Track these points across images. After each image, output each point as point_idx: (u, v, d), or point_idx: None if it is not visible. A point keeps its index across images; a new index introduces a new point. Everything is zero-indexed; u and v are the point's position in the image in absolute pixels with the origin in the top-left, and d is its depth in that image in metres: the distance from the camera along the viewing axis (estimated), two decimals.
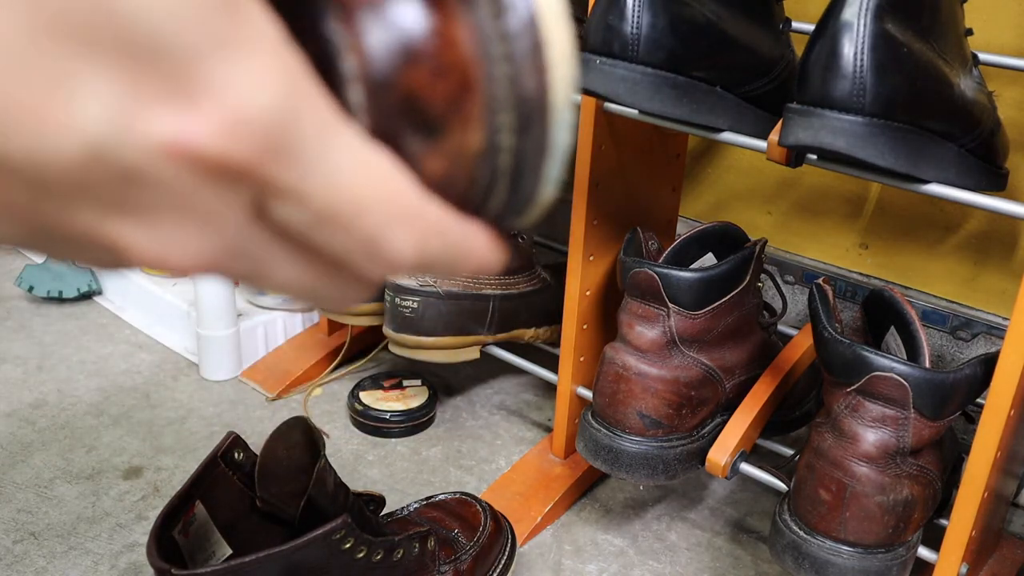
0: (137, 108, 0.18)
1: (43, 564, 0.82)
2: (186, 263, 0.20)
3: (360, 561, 0.63)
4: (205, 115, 0.18)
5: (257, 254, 0.21)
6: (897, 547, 0.68)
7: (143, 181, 0.18)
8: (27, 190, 0.18)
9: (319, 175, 0.20)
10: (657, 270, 0.75)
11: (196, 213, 0.19)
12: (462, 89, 0.21)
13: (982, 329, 0.96)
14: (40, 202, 0.18)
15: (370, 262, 0.21)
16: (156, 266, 0.20)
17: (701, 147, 1.13)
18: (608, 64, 0.64)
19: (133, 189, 0.18)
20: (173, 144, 0.18)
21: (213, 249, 0.20)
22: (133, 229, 0.19)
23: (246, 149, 0.18)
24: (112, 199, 0.19)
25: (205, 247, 0.20)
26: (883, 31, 0.55)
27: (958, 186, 0.61)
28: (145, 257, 0.19)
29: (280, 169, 0.19)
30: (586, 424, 0.81)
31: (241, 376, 1.13)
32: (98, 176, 0.18)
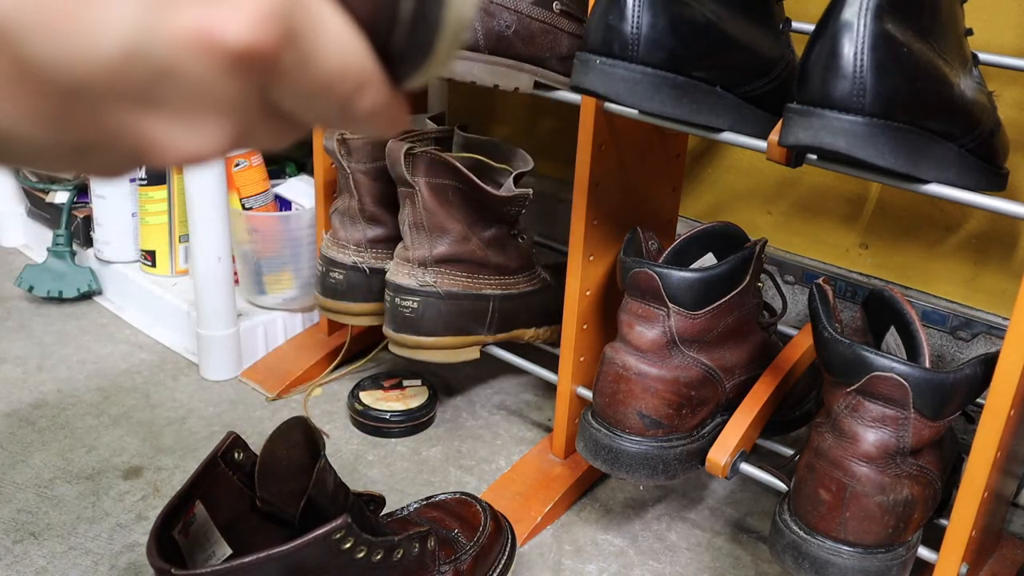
0: (167, 4, 0.19)
1: (43, 564, 0.82)
2: (206, 152, 0.21)
3: (360, 561, 0.63)
4: (231, 7, 0.19)
5: (255, 133, 0.22)
6: (897, 547, 0.68)
7: (175, 76, 0.19)
8: (68, 94, 0.19)
9: (315, 54, 0.21)
10: (657, 270, 0.75)
11: (219, 104, 0.20)
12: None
13: (982, 329, 0.96)
14: (79, 105, 0.19)
15: (339, 121, 0.24)
16: (180, 159, 0.21)
17: (701, 147, 1.13)
18: (608, 64, 0.64)
19: (165, 85, 0.20)
20: (208, 38, 0.19)
21: (229, 136, 0.21)
22: (161, 124, 0.20)
23: (269, 38, 0.20)
24: (145, 96, 0.20)
25: (223, 135, 0.21)
26: (883, 31, 0.55)
27: (958, 186, 0.61)
28: (171, 150, 0.21)
29: (290, 53, 0.21)
30: (586, 424, 0.81)
31: (241, 376, 1.13)
32: (134, 74, 0.19)
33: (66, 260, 1.29)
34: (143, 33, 0.19)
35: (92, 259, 1.31)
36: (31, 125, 0.19)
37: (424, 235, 0.92)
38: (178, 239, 1.24)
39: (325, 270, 1.02)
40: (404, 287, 0.92)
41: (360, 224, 1.01)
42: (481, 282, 0.95)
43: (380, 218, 1.01)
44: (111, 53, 0.19)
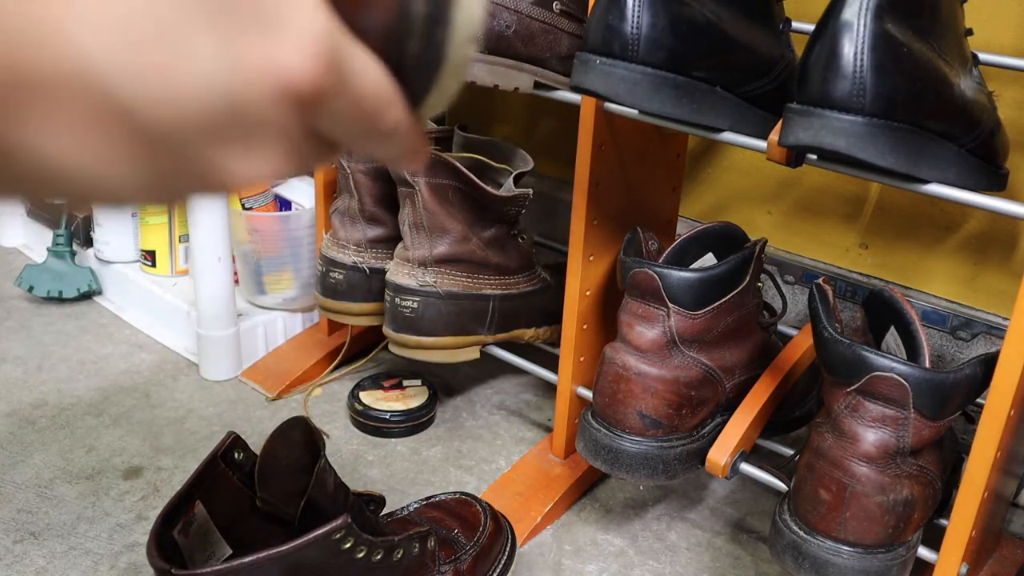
0: (238, 46, 0.20)
1: (43, 564, 0.82)
2: (265, 177, 0.23)
3: (360, 561, 0.63)
4: (291, 44, 0.21)
5: (301, 157, 0.24)
6: (897, 547, 0.68)
7: (249, 112, 0.21)
8: (159, 136, 0.21)
9: (350, 79, 0.23)
10: (657, 270, 0.75)
11: (279, 134, 0.22)
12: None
13: (982, 329, 0.96)
14: (166, 145, 0.21)
15: (367, 143, 0.25)
16: (241, 184, 0.23)
17: (701, 147, 1.13)
18: (608, 64, 0.64)
19: (239, 120, 0.21)
20: (279, 79, 0.21)
21: (284, 161, 0.23)
22: (230, 155, 0.22)
23: (327, 73, 0.22)
24: (226, 134, 0.22)
25: (280, 161, 0.23)
26: (883, 31, 0.55)
27: (958, 186, 0.61)
28: (235, 177, 0.23)
29: (336, 87, 0.22)
30: (586, 424, 0.81)
31: (241, 376, 1.13)
32: (217, 113, 0.21)
33: (66, 260, 1.29)
34: (225, 75, 0.20)
35: (92, 259, 1.31)
36: (122, 166, 0.21)
37: (424, 235, 0.92)
38: (178, 239, 1.24)
39: (325, 270, 1.02)
40: (404, 287, 0.92)
41: (360, 224, 1.01)
42: (481, 282, 0.95)
43: (380, 218, 1.01)
44: (199, 96, 0.20)
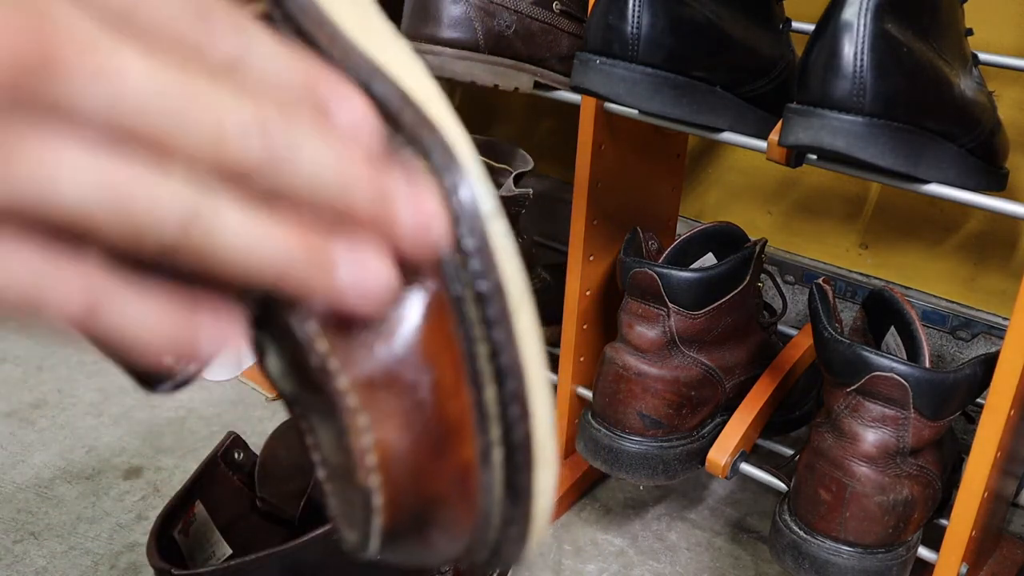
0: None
1: (43, 564, 0.82)
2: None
3: (360, 561, 0.63)
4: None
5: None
6: (897, 547, 0.68)
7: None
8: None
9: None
10: (657, 270, 0.75)
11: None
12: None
13: (982, 329, 0.96)
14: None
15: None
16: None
17: (701, 147, 1.13)
18: (608, 64, 0.64)
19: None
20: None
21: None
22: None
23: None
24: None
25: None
26: (883, 31, 0.55)
27: (958, 186, 0.61)
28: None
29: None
30: (586, 424, 0.81)
31: (241, 376, 1.13)
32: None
33: None
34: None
35: None
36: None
37: None
38: None
39: None
40: None
41: None
42: None
43: None
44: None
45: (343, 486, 0.24)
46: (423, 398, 0.24)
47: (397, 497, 0.24)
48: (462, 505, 0.24)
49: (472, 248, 0.24)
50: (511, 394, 0.24)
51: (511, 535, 0.25)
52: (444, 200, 0.24)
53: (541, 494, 0.25)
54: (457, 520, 0.25)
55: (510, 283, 0.24)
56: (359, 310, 0.22)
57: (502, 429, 0.24)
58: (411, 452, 0.24)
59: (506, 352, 0.24)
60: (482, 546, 0.25)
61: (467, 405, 0.24)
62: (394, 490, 0.24)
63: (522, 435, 0.24)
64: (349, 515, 0.25)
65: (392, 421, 0.23)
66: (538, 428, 0.24)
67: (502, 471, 0.24)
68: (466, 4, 0.75)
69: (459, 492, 0.24)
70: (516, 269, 0.25)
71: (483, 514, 0.24)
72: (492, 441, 0.24)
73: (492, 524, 0.25)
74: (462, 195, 0.24)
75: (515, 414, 0.24)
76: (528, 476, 0.24)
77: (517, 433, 0.24)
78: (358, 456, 0.23)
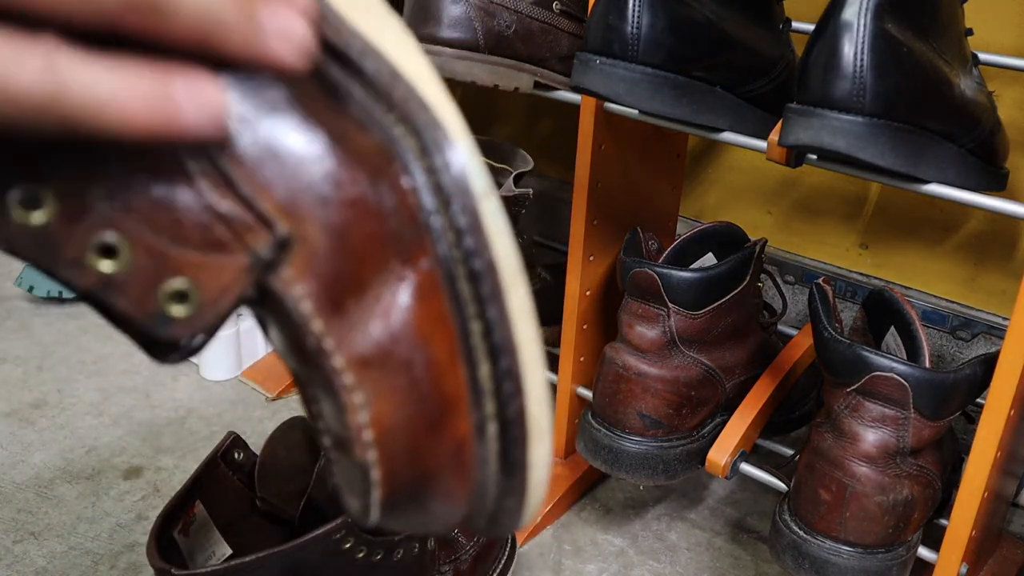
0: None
1: (43, 564, 0.82)
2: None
3: (360, 561, 0.63)
4: None
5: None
6: (897, 547, 0.68)
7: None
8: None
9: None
10: (657, 270, 0.75)
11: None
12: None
13: (982, 329, 0.96)
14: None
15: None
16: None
17: (701, 147, 1.13)
18: (608, 64, 0.64)
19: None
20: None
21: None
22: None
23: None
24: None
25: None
26: (883, 31, 0.55)
27: (958, 186, 0.61)
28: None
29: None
30: (586, 424, 0.81)
31: (241, 376, 1.13)
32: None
33: None
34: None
35: None
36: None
37: None
38: None
39: None
40: None
41: None
42: None
43: None
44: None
45: (344, 457, 0.25)
46: (418, 375, 0.24)
47: (394, 470, 0.24)
48: (458, 477, 0.25)
49: (464, 226, 0.24)
50: (505, 371, 0.24)
51: (507, 505, 0.25)
52: (435, 179, 0.24)
53: (536, 467, 0.25)
54: (454, 491, 0.25)
55: (503, 261, 0.25)
56: (282, 62, 0.23)
57: (496, 405, 0.24)
58: (407, 427, 0.24)
59: (499, 330, 0.24)
60: (480, 515, 0.26)
61: (462, 381, 0.24)
62: (391, 464, 0.24)
63: (516, 410, 0.24)
64: (351, 485, 0.25)
65: (388, 398, 0.24)
66: (532, 403, 0.25)
67: (497, 445, 0.25)
68: (466, 4, 0.75)
69: (455, 465, 0.25)
70: (509, 247, 0.25)
71: (479, 486, 0.25)
72: (487, 416, 0.24)
73: (488, 495, 0.25)
74: (453, 173, 0.24)
75: (509, 390, 0.24)
76: (522, 450, 0.25)
77: (511, 409, 0.24)
78: (355, 432, 0.24)
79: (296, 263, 0.23)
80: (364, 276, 0.24)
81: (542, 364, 0.25)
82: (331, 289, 0.24)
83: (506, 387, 0.24)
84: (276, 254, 0.23)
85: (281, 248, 0.23)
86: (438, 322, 0.24)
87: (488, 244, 0.24)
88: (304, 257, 0.23)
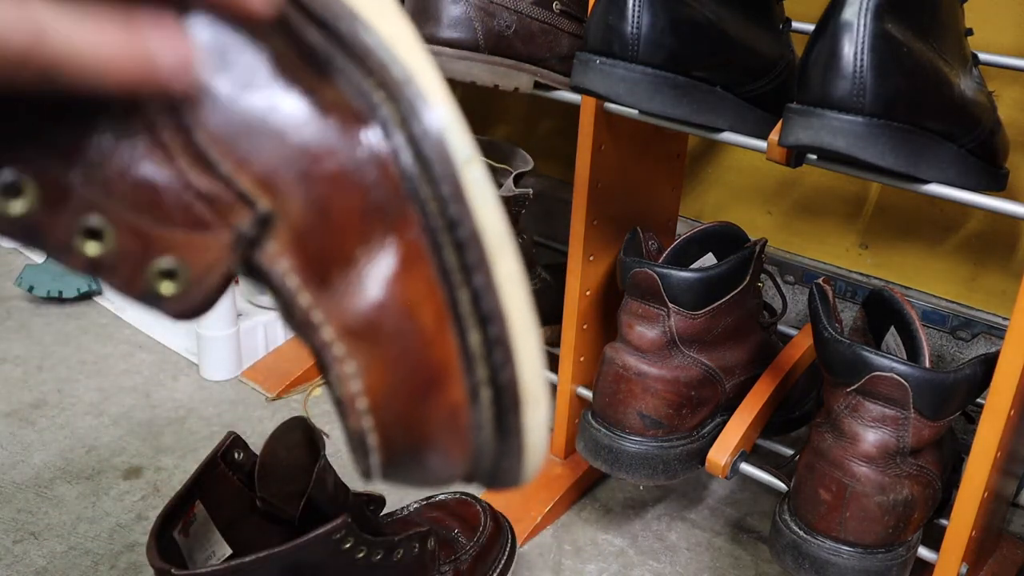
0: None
1: (43, 564, 0.82)
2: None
3: (360, 561, 0.63)
4: None
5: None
6: (897, 547, 0.68)
7: None
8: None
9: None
10: (657, 270, 0.75)
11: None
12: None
13: (982, 329, 0.96)
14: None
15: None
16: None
17: (701, 147, 1.13)
18: (608, 64, 0.64)
19: None
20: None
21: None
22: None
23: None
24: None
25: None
26: (883, 31, 0.55)
27: (958, 186, 0.61)
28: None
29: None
30: (586, 424, 0.81)
31: (241, 376, 1.13)
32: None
33: None
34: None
35: None
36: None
37: None
38: None
39: None
40: None
41: None
42: None
43: None
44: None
45: (343, 421, 0.25)
46: (407, 344, 0.24)
47: (390, 436, 0.25)
48: (454, 441, 0.25)
49: (448, 195, 0.24)
50: (494, 338, 0.24)
51: (505, 467, 0.26)
52: (416, 147, 0.24)
53: (532, 431, 0.25)
54: (451, 453, 0.25)
55: (488, 229, 0.24)
56: (248, 6, 0.23)
57: (488, 371, 0.25)
58: (400, 395, 0.24)
59: (487, 297, 0.24)
60: (480, 474, 0.26)
61: (452, 349, 0.24)
62: (386, 431, 0.24)
63: (508, 377, 0.24)
64: (352, 449, 0.25)
65: (379, 367, 0.24)
66: (524, 370, 0.25)
67: (491, 410, 0.25)
68: (466, 4, 0.75)
69: (450, 430, 0.25)
70: (495, 215, 0.25)
71: (475, 449, 0.25)
72: (479, 382, 0.25)
73: (486, 457, 0.25)
74: (433, 140, 0.24)
75: (500, 358, 0.24)
76: (516, 416, 0.25)
77: (503, 375, 0.24)
78: (348, 401, 0.24)
79: (279, 238, 0.24)
80: (348, 248, 0.24)
81: (534, 331, 0.25)
82: (316, 263, 0.24)
83: (497, 354, 0.24)
84: (258, 230, 0.23)
85: (263, 224, 0.23)
86: (426, 291, 0.24)
87: (471, 212, 0.24)
88: (287, 232, 0.24)
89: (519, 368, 0.25)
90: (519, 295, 0.25)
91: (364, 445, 0.25)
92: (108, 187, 0.22)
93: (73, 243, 0.22)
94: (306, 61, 0.25)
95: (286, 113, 0.24)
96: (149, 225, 0.22)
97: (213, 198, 0.23)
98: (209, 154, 0.23)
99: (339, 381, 0.24)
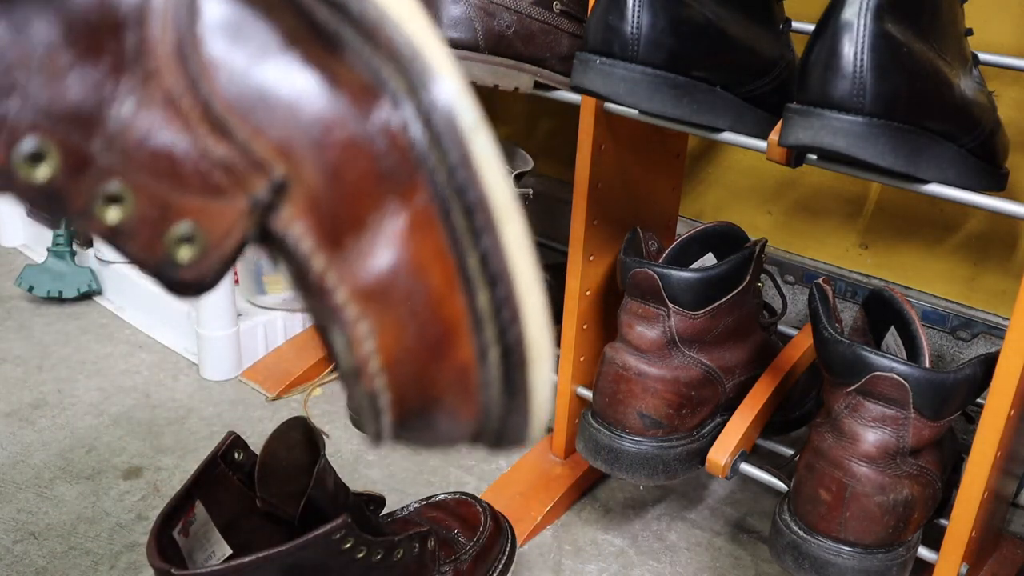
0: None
1: (43, 564, 0.82)
2: None
3: (360, 561, 0.63)
4: None
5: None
6: (897, 547, 0.68)
7: None
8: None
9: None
10: (657, 270, 0.75)
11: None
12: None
13: (982, 329, 0.96)
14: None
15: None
16: None
17: (701, 147, 1.13)
18: (608, 64, 0.64)
19: None
20: None
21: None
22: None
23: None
24: None
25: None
26: (883, 31, 0.55)
27: (958, 186, 0.61)
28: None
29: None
30: (586, 424, 0.81)
31: (241, 376, 1.13)
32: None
33: (66, 260, 1.29)
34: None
35: (92, 259, 1.31)
36: None
37: None
38: None
39: None
40: None
41: None
42: None
43: None
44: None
45: (355, 386, 0.26)
46: (418, 305, 0.25)
47: (401, 396, 0.25)
48: (464, 400, 0.26)
49: (456, 161, 0.25)
50: (501, 299, 0.25)
51: (512, 424, 0.27)
52: (425, 115, 0.25)
53: (538, 388, 0.26)
54: (460, 412, 0.26)
55: (495, 193, 0.25)
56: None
57: (496, 330, 0.25)
58: (411, 355, 0.25)
59: (494, 259, 0.25)
60: (487, 433, 0.27)
61: (461, 309, 0.25)
62: (398, 390, 0.25)
63: (515, 336, 0.25)
64: (363, 411, 0.26)
65: (391, 328, 0.25)
66: (530, 329, 0.26)
67: (499, 369, 0.26)
68: (466, 4, 0.75)
69: (460, 388, 0.26)
70: (501, 180, 0.26)
71: (484, 407, 0.26)
72: (488, 342, 0.26)
73: (494, 415, 0.26)
74: (441, 108, 0.26)
75: (507, 317, 0.25)
76: (523, 373, 0.26)
77: (511, 334, 0.25)
78: (361, 362, 0.25)
79: (294, 203, 0.24)
80: (361, 213, 0.25)
81: (539, 290, 0.26)
82: (329, 227, 0.25)
83: (504, 313, 0.25)
84: (274, 196, 0.24)
85: (278, 190, 0.24)
86: (436, 254, 0.25)
87: (478, 178, 0.25)
88: (301, 197, 0.24)
89: (526, 326, 0.26)
90: (525, 256, 0.26)
91: (376, 406, 0.25)
92: (128, 154, 0.23)
93: (94, 209, 0.23)
94: (316, 36, 0.26)
95: (299, 85, 0.25)
96: (168, 191, 0.23)
97: (230, 165, 0.24)
98: (227, 122, 0.24)
99: (352, 344, 0.25)
